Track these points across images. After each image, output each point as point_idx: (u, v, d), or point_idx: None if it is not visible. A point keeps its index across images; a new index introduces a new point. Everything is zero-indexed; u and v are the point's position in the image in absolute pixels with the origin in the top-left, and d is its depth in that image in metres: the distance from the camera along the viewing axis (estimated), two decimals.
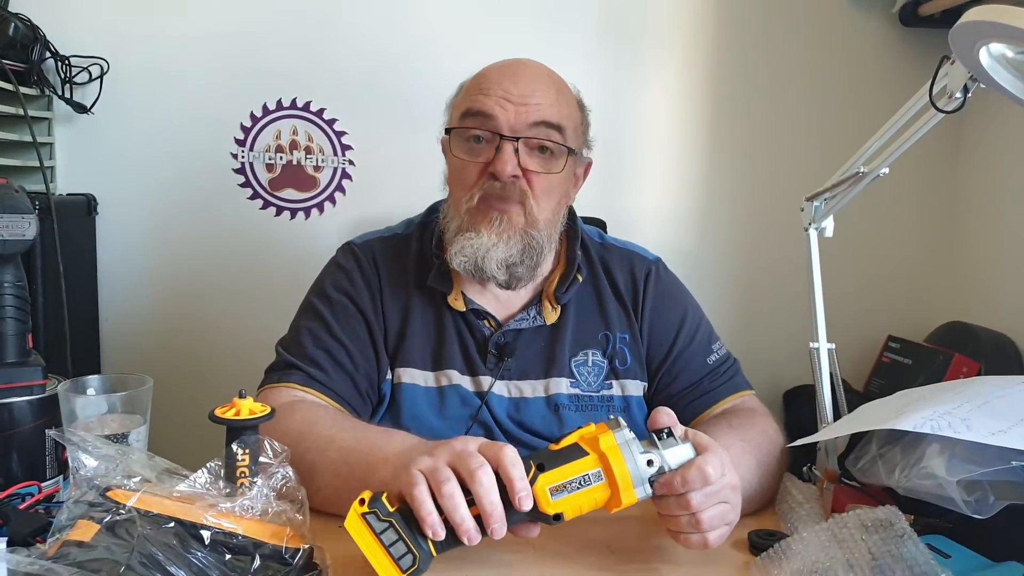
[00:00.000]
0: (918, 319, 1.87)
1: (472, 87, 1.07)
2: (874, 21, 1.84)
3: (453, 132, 1.06)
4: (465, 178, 1.05)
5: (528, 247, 1.05)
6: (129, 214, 1.79)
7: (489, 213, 1.03)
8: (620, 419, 0.76)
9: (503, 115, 1.02)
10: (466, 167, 1.05)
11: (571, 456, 0.73)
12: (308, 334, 1.08)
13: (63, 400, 0.84)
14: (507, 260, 1.04)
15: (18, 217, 0.88)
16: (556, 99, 1.05)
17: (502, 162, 1.01)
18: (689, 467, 0.74)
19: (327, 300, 1.11)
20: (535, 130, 1.02)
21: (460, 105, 1.07)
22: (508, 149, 1.01)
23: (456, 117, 1.07)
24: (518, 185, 1.03)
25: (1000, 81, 0.77)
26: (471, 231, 1.04)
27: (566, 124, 1.05)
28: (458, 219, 1.05)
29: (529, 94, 1.03)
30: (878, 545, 0.72)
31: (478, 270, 1.04)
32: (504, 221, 1.03)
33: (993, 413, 0.79)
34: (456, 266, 1.05)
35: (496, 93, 1.03)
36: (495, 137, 1.02)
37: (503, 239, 1.03)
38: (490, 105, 1.02)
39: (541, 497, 0.71)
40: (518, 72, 1.05)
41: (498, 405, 1.08)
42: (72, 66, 1.69)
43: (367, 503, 0.70)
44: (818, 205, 1.02)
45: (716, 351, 1.14)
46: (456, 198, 1.07)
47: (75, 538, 0.62)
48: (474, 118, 1.03)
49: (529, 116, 1.02)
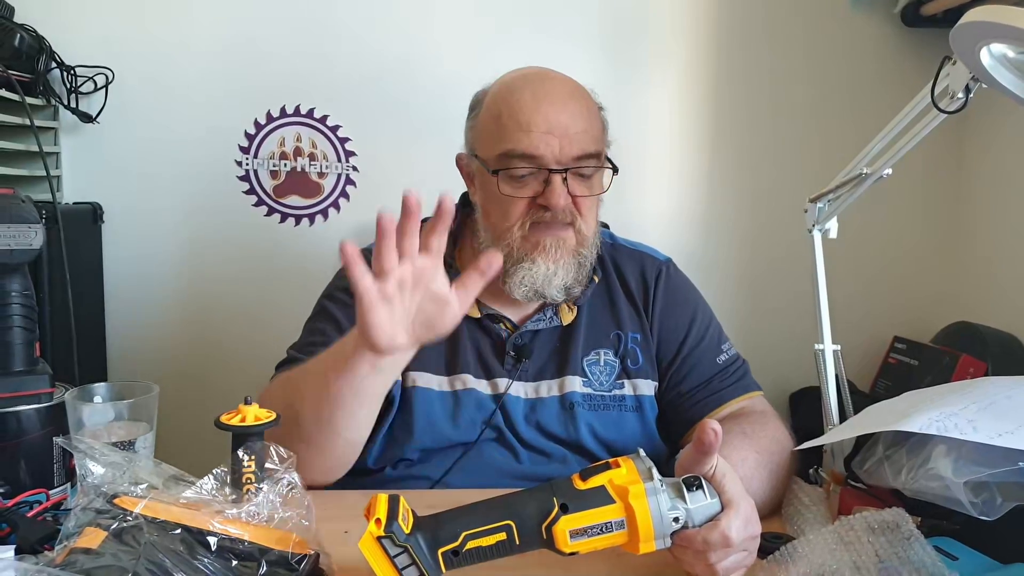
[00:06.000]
0: (924, 320, 1.86)
1: (508, 117, 1.05)
2: (876, 21, 1.83)
3: (500, 173, 1.05)
4: (512, 212, 1.06)
5: (580, 265, 1.08)
6: (135, 222, 1.80)
7: (543, 242, 1.05)
8: (644, 456, 0.74)
9: (549, 151, 1.03)
10: (514, 202, 1.05)
11: (597, 501, 0.71)
12: (318, 334, 1.09)
13: (70, 408, 0.85)
14: (566, 283, 1.07)
15: (25, 227, 0.89)
16: (590, 123, 1.06)
17: (555, 196, 1.03)
18: (712, 529, 0.72)
19: (339, 303, 1.12)
20: (580, 161, 1.04)
21: (497, 136, 1.06)
22: (558, 182, 1.03)
23: (495, 151, 1.05)
24: (568, 210, 1.05)
25: (1002, 81, 0.77)
26: (526, 261, 1.06)
27: (601, 147, 1.08)
28: (506, 249, 1.05)
29: (569, 122, 1.04)
30: (885, 547, 0.72)
31: (539, 295, 1.07)
32: (559, 247, 1.06)
33: (1000, 414, 0.79)
34: (519, 296, 1.07)
35: (538, 128, 1.03)
36: (542, 171, 1.03)
37: (560, 265, 1.06)
38: (535, 145, 1.02)
39: (560, 537, 0.70)
40: (551, 94, 1.05)
41: (515, 407, 1.08)
42: (77, 76, 1.70)
43: (383, 525, 0.69)
44: (822, 206, 1.02)
45: (726, 351, 1.15)
46: (500, 228, 1.07)
47: (83, 545, 0.62)
48: (520, 159, 1.03)
49: (573, 149, 1.03)
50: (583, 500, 0.72)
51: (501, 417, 1.08)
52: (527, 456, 1.09)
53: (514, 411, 1.08)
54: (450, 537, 0.70)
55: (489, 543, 0.70)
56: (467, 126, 1.14)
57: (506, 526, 0.71)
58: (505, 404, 1.08)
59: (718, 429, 0.73)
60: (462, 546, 0.70)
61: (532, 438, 1.09)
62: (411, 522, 0.71)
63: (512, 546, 0.71)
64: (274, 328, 1.77)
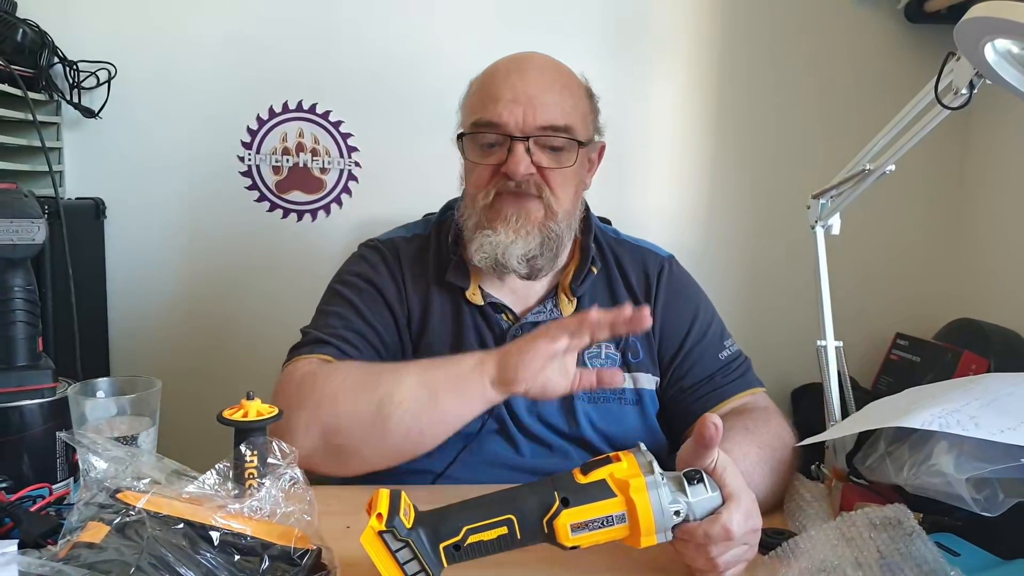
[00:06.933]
0: (926, 316, 1.86)
1: (481, 90, 1.09)
2: (880, 17, 1.83)
3: (466, 137, 1.08)
4: (479, 179, 1.08)
5: (547, 239, 1.07)
6: (137, 217, 1.80)
7: (504, 211, 1.06)
8: (645, 450, 0.75)
9: (512, 119, 1.03)
10: (480, 169, 1.07)
11: (598, 495, 0.72)
12: (337, 317, 1.09)
13: (73, 403, 0.85)
14: (527, 254, 1.06)
15: (27, 221, 0.89)
16: (562, 96, 1.06)
17: (515, 163, 1.03)
18: (713, 522, 0.72)
19: (355, 288, 1.12)
20: (545, 131, 1.04)
21: (470, 108, 1.10)
22: (520, 150, 1.04)
23: (468, 122, 1.09)
24: (533, 181, 1.05)
25: (1006, 77, 0.76)
26: (488, 229, 1.06)
27: (573, 122, 1.07)
28: (475, 217, 1.08)
29: (536, 93, 1.04)
30: (887, 543, 0.72)
31: (499, 265, 1.07)
32: (522, 217, 1.06)
33: (1002, 410, 0.79)
34: (477, 262, 1.08)
35: (505, 96, 1.04)
36: (506, 139, 1.04)
37: (520, 235, 1.05)
38: (499, 112, 1.04)
39: (561, 531, 0.71)
40: (524, 68, 1.07)
41: (516, 399, 1.08)
42: (80, 71, 1.70)
43: (385, 520, 0.69)
44: (824, 202, 1.02)
45: (728, 347, 1.15)
46: (472, 196, 1.09)
47: (85, 540, 0.63)
48: (486, 127, 1.05)
49: (537, 118, 1.04)
50: (584, 494, 0.72)
51: (503, 408, 1.08)
52: (529, 449, 1.09)
53: (516, 402, 1.08)
54: (452, 531, 0.70)
55: (491, 537, 0.71)
56: (458, 107, 1.16)
57: (507, 520, 0.71)
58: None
59: (718, 423, 0.73)
60: (463, 540, 0.70)
61: (535, 430, 1.09)
62: (413, 517, 0.71)
63: (513, 540, 0.71)
64: (277, 323, 1.78)
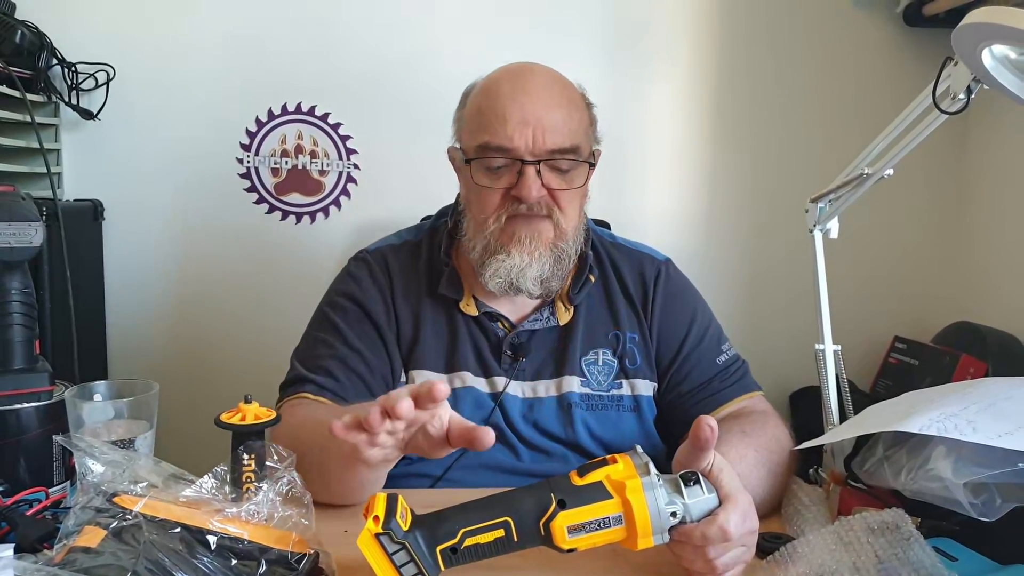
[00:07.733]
0: (925, 320, 1.86)
1: (486, 110, 1.05)
2: (878, 21, 1.83)
3: (473, 163, 1.05)
4: (489, 203, 1.06)
5: (558, 259, 1.07)
6: (136, 219, 1.80)
7: (518, 233, 1.05)
8: (642, 452, 0.75)
9: (522, 142, 1.02)
10: (489, 193, 1.05)
11: (594, 497, 0.72)
12: (322, 345, 1.09)
13: (70, 406, 0.85)
14: (541, 276, 1.06)
15: (25, 224, 0.89)
16: (568, 113, 1.05)
17: (527, 187, 1.02)
18: (710, 523, 0.72)
19: (339, 308, 1.12)
20: (554, 154, 1.03)
21: (475, 128, 1.06)
22: (531, 173, 1.02)
23: (473, 143, 1.06)
24: (544, 202, 1.04)
25: (1003, 82, 0.76)
26: (501, 253, 1.05)
27: (580, 141, 1.06)
28: (483, 240, 1.06)
29: (544, 112, 1.03)
30: (884, 548, 0.72)
31: (514, 288, 1.06)
32: (534, 239, 1.05)
33: (1000, 415, 0.79)
34: (492, 287, 1.07)
35: (512, 117, 1.02)
36: (515, 163, 1.03)
37: (535, 257, 1.05)
38: (509, 136, 1.02)
39: (558, 534, 0.71)
40: (528, 86, 1.05)
41: (512, 406, 1.09)
42: (78, 72, 1.70)
43: (381, 522, 0.69)
44: (823, 206, 1.02)
45: (725, 352, 1.15)
46: (478, 220, 1.07)
47: (82, 544, 0.62)
48: (495, 151, 1.03)
49: (547, 141, 1.02)
50: (580, 496, 0.72)
51: (500, 415, 1.08)
52: (527, 454, 1.09)
53: (512, 410, 1.08)
54: (448, 534, 0.70)
55: (487, 540, 0.70)
56: (454, 119, 1.14)
57: (504, 523, 0.71)
58: (503, 403, 1.08)
59: (714, 425, 0.73)
60: (460, 543, 0.70)
61: (531, 437, 1.09)
62: (409, 519, 0.71)
63: (510, 543, 0.71)
64: (275, 326, 1.78)
